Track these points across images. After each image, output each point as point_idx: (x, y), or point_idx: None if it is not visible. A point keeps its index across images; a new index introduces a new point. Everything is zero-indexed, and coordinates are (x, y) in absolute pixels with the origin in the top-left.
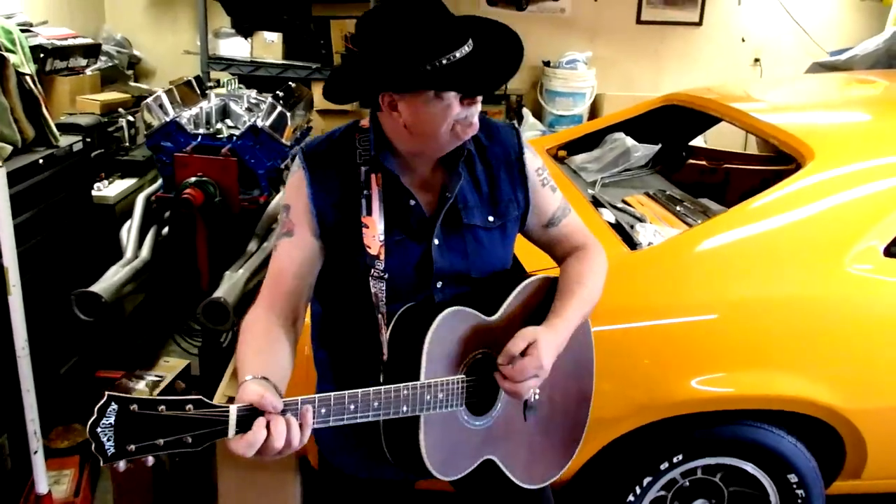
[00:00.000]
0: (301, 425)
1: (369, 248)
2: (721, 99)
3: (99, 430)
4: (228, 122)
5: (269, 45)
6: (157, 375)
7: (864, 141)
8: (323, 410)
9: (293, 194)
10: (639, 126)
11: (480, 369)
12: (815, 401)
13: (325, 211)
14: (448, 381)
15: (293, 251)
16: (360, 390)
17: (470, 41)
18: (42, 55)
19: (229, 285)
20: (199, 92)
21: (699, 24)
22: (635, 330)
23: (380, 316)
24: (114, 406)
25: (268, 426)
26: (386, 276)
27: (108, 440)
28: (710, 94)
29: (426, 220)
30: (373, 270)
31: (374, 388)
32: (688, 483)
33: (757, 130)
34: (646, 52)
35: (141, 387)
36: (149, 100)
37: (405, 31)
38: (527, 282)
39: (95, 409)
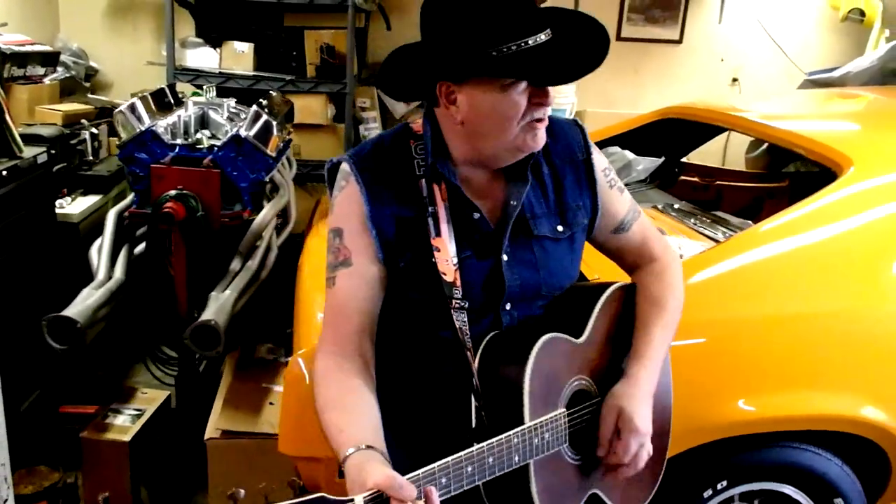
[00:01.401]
0: None
1: (444, 274)
2: (727, 110)
3: None
4: (207, 132)
5: (239, 56)
6: (136, 409)
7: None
8: (444, 480)
9: (345, 214)
10: (631, 140)
11: (578, 400)
12: (864, 419)
13: (386, 232)
14: (552, 419)
15: (354, 282)
16: (472, 449)
17: (549, 30)
18: None
19: (217, 307)
20: (173, 101)
21: (679, 41)
22: (677, 349)
23: (468, 353)
24: None
25: None
26: (467, 305)
27: None
28: (711, 106)
29: (490, 235)
30: (453, 302)
31: (486, 443)
32: None
33: (783, 143)
34: (626, 69)
35: (120, 422)
36: (122, 107)
37: (473, 12)
38: (607, 294)
39: None
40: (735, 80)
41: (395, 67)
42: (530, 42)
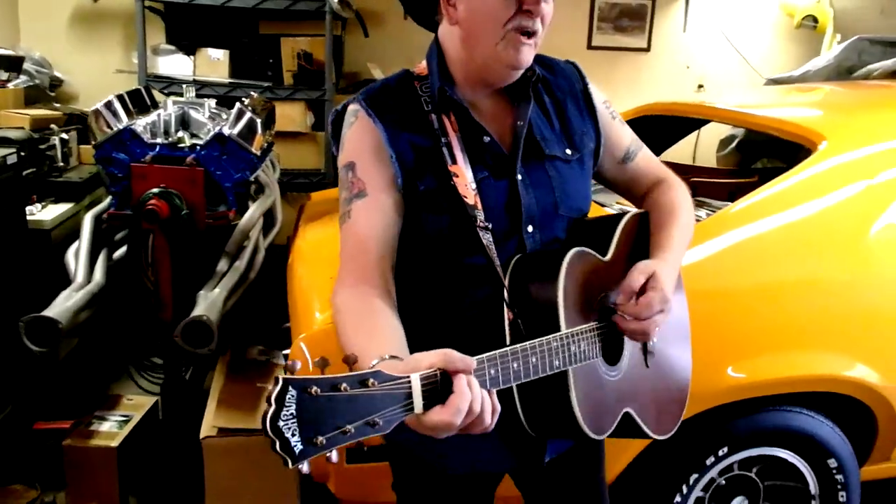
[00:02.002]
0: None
1: (465, 197)
2: (703, 103)
3: (282, 423)
4: (188, 132)
5: (214, 63)
6: (122, 415)
7: (869, 124)
8: (492, 371)
9: (357, 146)
10: None
11: (607, 315)
12: (850, 379)
13: (404, 155)
14: (585, 329)
15: (371, 213)
16: (517, 346)
17: None
18: None
19: (208, 304)
20: (150, 103)
21: (647, 50)
22: None
23: (498, 270)
24: (292, 392)
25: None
26: (490, 226)
27: (294, 434)
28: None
29: (504, 157)
30: (478, 221)
31: (528, 343)
32: (724, 482)
33: (758, 127)
34: (596, 76)
35: (106, 428)
36: (98, 105)
37: None
38: (627, 217)
39: (272, 399)
40: (701, 86)
41: None
42: None
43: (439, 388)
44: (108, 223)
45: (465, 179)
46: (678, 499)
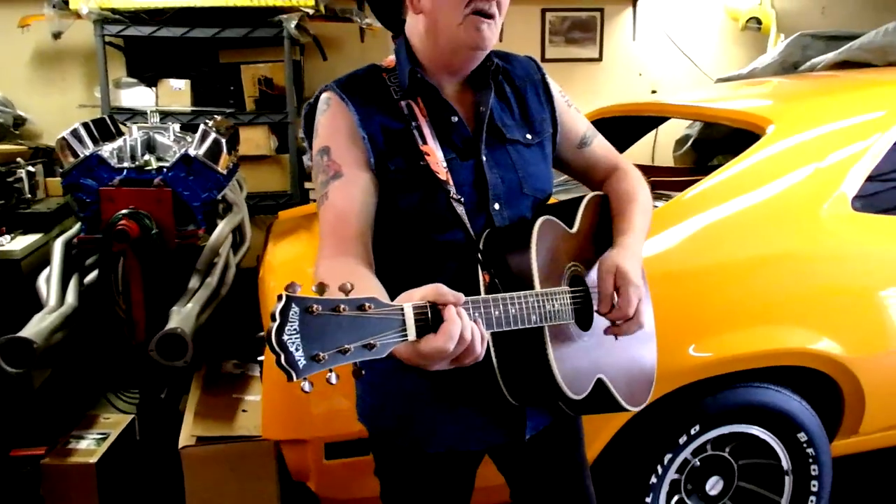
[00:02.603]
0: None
1: (438, 174)
2: (657, 102)
3: (286, 337)
4: (154, 155)
5: (176, 93)
6: (100, 433)
7: (815, 108)
8: (475, 315)
9: (331, 131)
10: None
11: (577, 283)
12: (814, 351)
13: (376, 138)
14: (559, 291)
15: (348, 191)
16: (497, 295)
17: None
18: None
19: (182, 317)
20: (114, 131)
21: (599, 59)
22: None
23: (473, 236)
24: (295, 308)
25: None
26: (462, 199)
27: (297, 349)
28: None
29: (469, 139)
30: (452, 194)
31: (508, 294)
32: (698, 462)
33: (710, 118)
34: None
35: (84, 446)
36: (64, 133)
37: None
38: (588, 197)
39: (277, 314)
40: (654, 91)
41: None
42: None
43: (430, 319)
44: (78, 248)
45: (436, 158)
46: (654, 480)
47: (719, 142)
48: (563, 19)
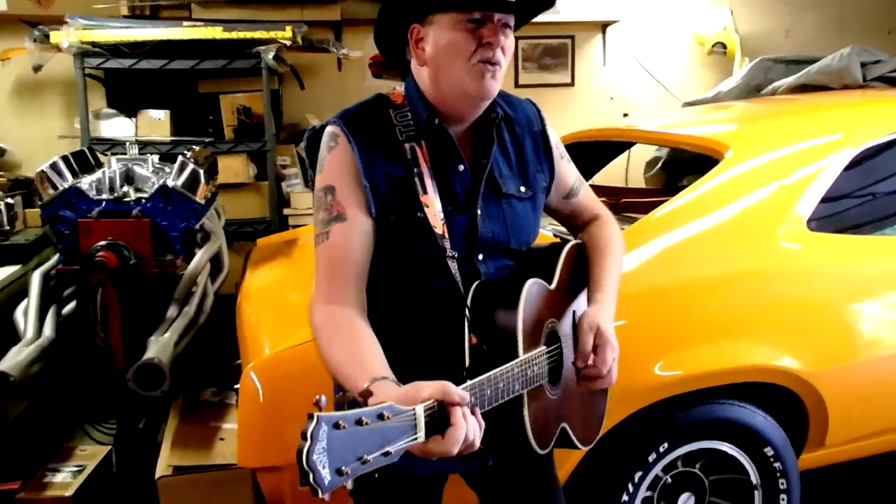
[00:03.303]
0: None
1: (436, 227)
2: (626, 127)
3: (315, 457)
4: (133, 187)
5: (155, 123)
6: (76, 465)
7: (768, 133)
8: (472, 399)
9: (337, 172)
10: None
11: (553, 338)
12: (776, 367)
13: (379, 187)
14: (538, 355)
15: (349, 234)
16: (490, 374)
17: None
18: None
19: (159, 347)
20: (94, 163)
21: (571, 84)
22: None
23: (465, 298)
24: (324, 428)
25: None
26: (456, 255)
27: (324, 467)
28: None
29: (469, 190)
30: (448, 252)
31: (498, 369)
32: (670, 479)
33: (673, 143)
34: None
35: (60, 479)
36: (44, 167)
37: None
38: (567, 248)
39: (308, 435)
40: (626, 114)
41: (382, 20)
42: None
43: (437, 417)
44: (56, 279)
45: (434, 209)
46: (625, 497)
47: (688, 163)
48: (535, 46)
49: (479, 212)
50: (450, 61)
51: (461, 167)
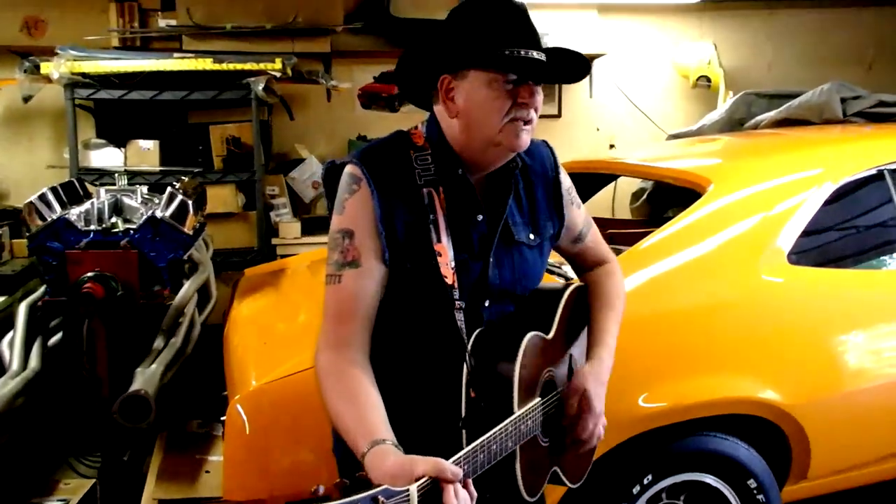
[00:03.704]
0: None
1: (446, 277)
2: (611, 160)
3: None
4: (122, 218)
5: (144, 153)
6: (59, 499)
7: (749, 167)
8: (466, 468)
9: (356, 216)
10: None
11: (549, 388)
12: (758, 399)
13: (395, 235)
14: (532, 408)
15: (362, 282)
16: (482, 439)
17: (544, 56)
18: None
19: (145, 378)
20: (83, 194)
21: (558, 116)
22: None
23: (467, 347)
24: None
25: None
26: (464, 305)
27: None
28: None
29: (485, 238)
30: (456, 304)
31: (490, 433)
32: None
33: (657, 176)
34: None
35: None
36: (32, 198)
37: (493, 18)
38: (567, 294)
39: None
40: (612, 146)
41: (407, 64)
42: (523, 53)
43: (430, 492)
44: (43, 310)
45: (446, 258)
46: None
47: (672, 194)
48: None
49: (491, 259)
50: (484, 117)
51: (480, 217)
